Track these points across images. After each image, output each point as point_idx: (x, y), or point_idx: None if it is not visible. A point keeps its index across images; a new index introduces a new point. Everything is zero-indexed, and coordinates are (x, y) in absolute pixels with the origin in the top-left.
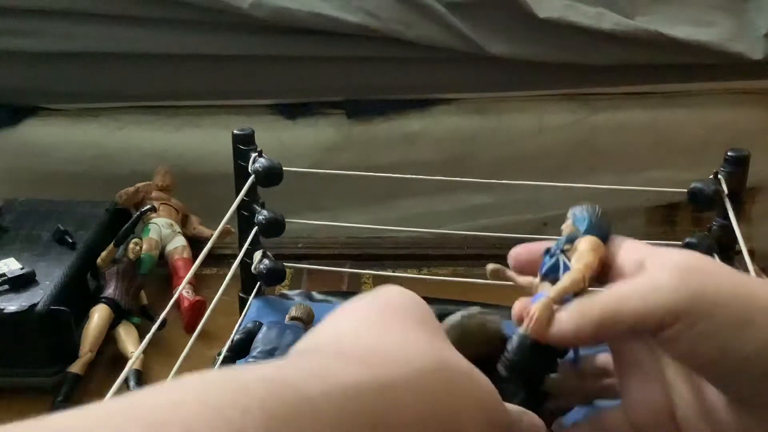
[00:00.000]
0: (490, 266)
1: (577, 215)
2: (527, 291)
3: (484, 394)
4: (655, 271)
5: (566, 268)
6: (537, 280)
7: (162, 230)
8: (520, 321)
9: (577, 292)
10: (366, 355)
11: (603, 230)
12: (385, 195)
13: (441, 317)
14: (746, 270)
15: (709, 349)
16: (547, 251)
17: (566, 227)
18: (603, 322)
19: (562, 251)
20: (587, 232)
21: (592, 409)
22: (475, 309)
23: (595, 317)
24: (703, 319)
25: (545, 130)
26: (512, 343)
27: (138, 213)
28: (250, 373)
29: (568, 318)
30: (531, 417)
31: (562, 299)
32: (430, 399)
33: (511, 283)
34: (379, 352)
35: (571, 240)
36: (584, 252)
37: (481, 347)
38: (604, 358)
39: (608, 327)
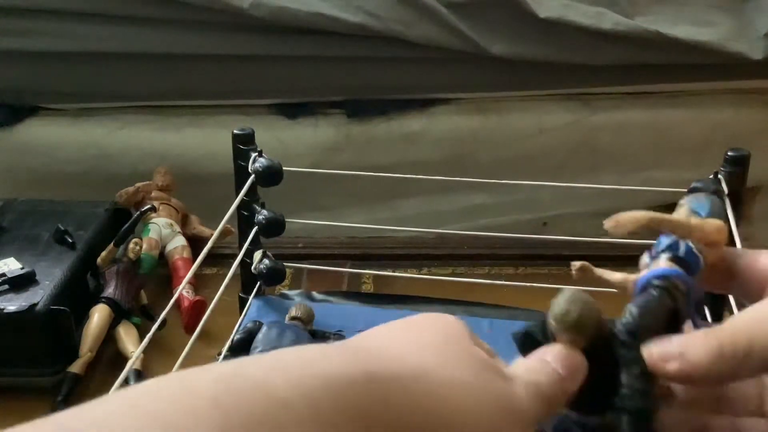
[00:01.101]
0: (577, 263)
1: (693, 203)
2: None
3: (497, 396)
4: None
5: (688, 249)
6: (633, 276)
7: (162, 230)
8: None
9: (677, 239)
10: (364, 350)
11: (724, 217)
12: (385, 195)
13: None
14: None
15: None
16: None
17: (680, 215)
18: (751, 352)
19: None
20: (709, 216)
21: None
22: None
23: (740, 349)
24: None
25: (545, 130)
26: (630, 311)
27: (138, 213)
28: (204, 373)
29: (699, 348)
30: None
31: (655, 224)
32: (421, 398)
33: (511, 283)
34: (382, 351)
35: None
36: (708, 222)
37: (596, 329)
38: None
39: (750, 359)
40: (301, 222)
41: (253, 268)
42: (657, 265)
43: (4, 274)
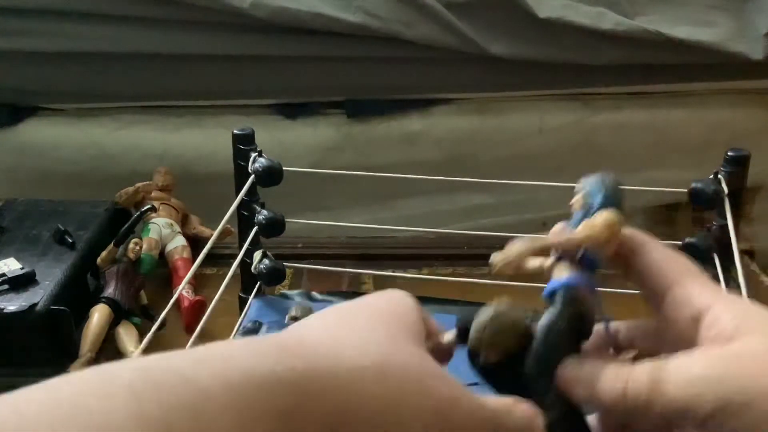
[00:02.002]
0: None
1: (587, 188)
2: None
3: (437, 401)
4: (716, 355)
5: (584, 251)
6: (548, 261)
7: (162, 230)
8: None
9: (565, 253)
10: (299, 348)
11: (618, 202)
12: (386, 195)
13: (468, 319)
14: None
15: None
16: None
17: (577, 200)
18: (650, 408)
19: None
20: (602, 206)
21: None
22: (503, 304)
23: (641, 401)
24: (735, 417)
25: (545, 130)
26: (537, 335)
27: (138, 213)
28: (125, 363)
29: (606, 384)
30: (522, 408)
31: (538, 251)
32: (359, 395)
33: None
34: (319, 347)
35: (586, 214)
36: (596, 225)
37: (513, 341)
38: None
39: (650, 410)
40: (301, 222)
41: (253, 268)
42: (559, 272)
43: (4, 274)
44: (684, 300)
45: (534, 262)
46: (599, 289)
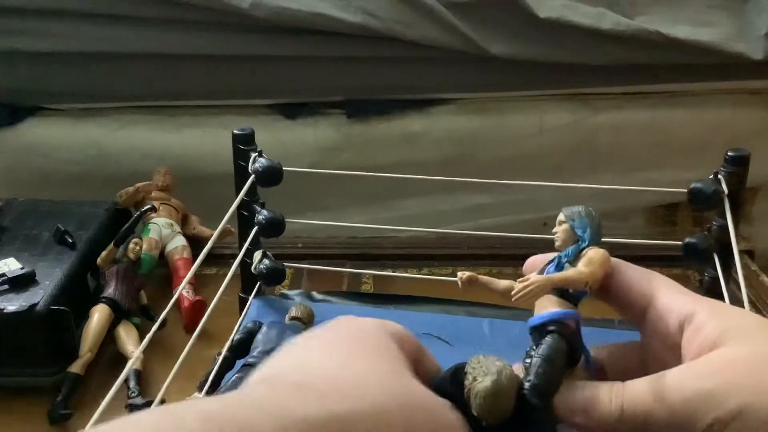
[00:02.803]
0: (462, 274)
1: (575, 222)
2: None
3: (448, 428)
4: (704, 367)
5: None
6: (516, 284)
7: (162, 230)
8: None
9: (573, 290)
10: (325, 388)
11: (600, 236)
12: (385, 195)
13: (456, 372)
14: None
15: None
16: (551, 261)
17: (563, 232)
18: (648, 423)
19: (569, 262)
20: (591, 240)
21: None
22: (494, 367)
23: (640, 417)
24: (732, 423)
25: (545, 130)
26: (531, 369)
27: (138, 213)
28: (190, 407)
29: (603, 407)
30: None
31: (557, 286)
32: None
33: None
34: (339, 386)
35: (575, 248)
36: (595, 262)
37: (511, 405)
38: None
39: (649, 426)
40: (301, 222)
41: (253, 268)
42: (544, 304)
43: (4, 274)
44: (666, 310)
45: (502, 284)
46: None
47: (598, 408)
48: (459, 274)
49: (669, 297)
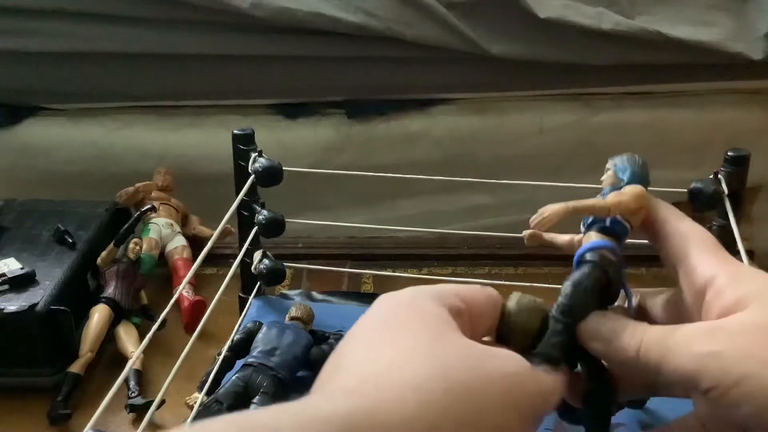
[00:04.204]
0: (527, 232)
1: (618, 165)
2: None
3: (508, 380)
4: (718, 329)
5: (614, 219)
6: (578, 236)
7: (162, 230)
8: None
9: (597, 218)
10: (353, 382)
11: (645, 179)
12: (385, 195)
13: None
14: None
15: (745, 414)
16: None
17: (607, 177)
18: (659, 371)
19: None
20: (631, 181)
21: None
22: (518, 294)
23: (651, 363)
24: (732, 390)
25: (545, 130)
26: (563, 291)
27: (138, 213)
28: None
29: (623, 342)
30: (550, 379)
31: (577, 213)
32: (437, 410)
33: (513, 283)
34: (368, 377)
35: (616, 189)
36: (626, 194)
37: (536, 324)
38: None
39: (657, 375)
40: (301, 222)
41: (253, 268)
42: (588, 238)
43: (4, 274)
44: (692, 269)
45: (563, 238)
46: (624, 260)
47: (618, 342)
48: (524, 232)
49: (698, 257)
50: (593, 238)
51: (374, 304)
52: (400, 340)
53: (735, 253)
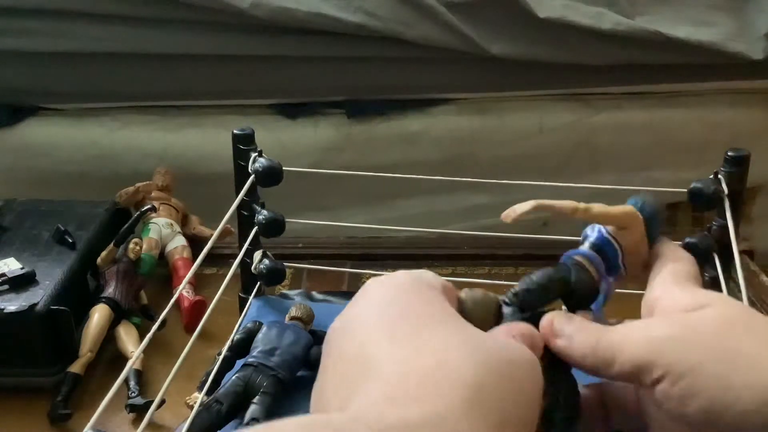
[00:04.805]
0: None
1: (633, 198)
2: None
3: (530, 364)
4: (687, 320)
5: (599, 233)
6: (582, 204)
7: (162, 230)
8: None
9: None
10: (397, 392)
11: (649, 212)
12: (385, 195)
13: None
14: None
15: (695, 409)
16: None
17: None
18: (613, 364)
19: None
20: (635, 205)
21: None
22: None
23: (607, 358)
24: (685, 378)
25: (545, 130)
26: (526, 278)
27: (138, 213)
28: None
29: (583, 339)
30: (522, 328)
31: (542, 208)
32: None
33: (511, 283)
34: (435, 380)
35: None
36: (616, 207)
37: (484, 317)
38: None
39: (610, 368)
40: (301, 222)
41: (253, 268)
42: (590, 229)
43: (4, 274)
44: (649, 289)
45: (564, 203)
46: (612, 283)
47: (579, 337)
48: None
49: (662, 279)
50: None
51: (370, 291)
52: (432, 334)
53: (732, 252)
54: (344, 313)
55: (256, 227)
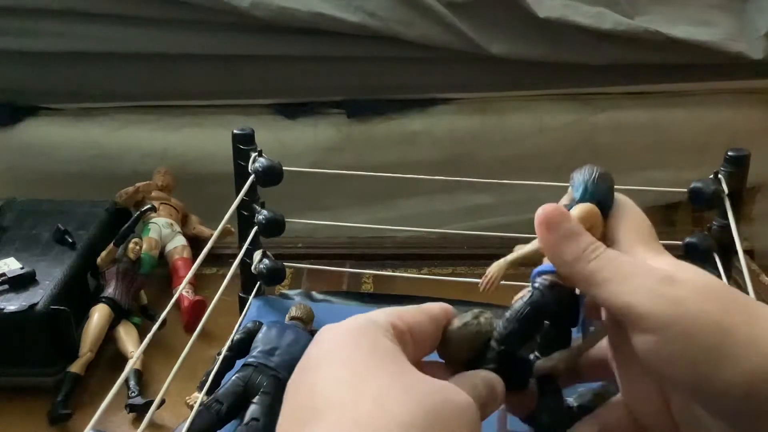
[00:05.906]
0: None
1: (573, 180)
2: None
3: (471, 409)
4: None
5: None
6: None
7: (162, 230)
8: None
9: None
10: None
11: (600, 195)
12: (385, 195)
13: None
14: (742, 270)
15: (683, 372)
16: None
17: (567, 194)
18: (593, 281)
19: None
20: (582, 199)
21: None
22: (474, 312)
23: (597, 280)
24: (679, 342)
25: (545, 130)
26: (503, 319)
27: (138, 213)
28: None
29: (574, 248)
30: (488, 378)
31: (516, 264)
32: None
33: (508, 282)
34: (372, 419)
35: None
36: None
37: (471, 353)
38: (603, 350)
39: (596, 287)
40: (301, 222)
41: (253, 268)
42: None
43: (4, 274)
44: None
45: (528, 247)
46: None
47: (566, 244)
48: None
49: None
50: (545, 262)
51: (321, 336)
52: (375, 376)
53: (734, 252)
54: (301, 361)
55: (256, 227)
